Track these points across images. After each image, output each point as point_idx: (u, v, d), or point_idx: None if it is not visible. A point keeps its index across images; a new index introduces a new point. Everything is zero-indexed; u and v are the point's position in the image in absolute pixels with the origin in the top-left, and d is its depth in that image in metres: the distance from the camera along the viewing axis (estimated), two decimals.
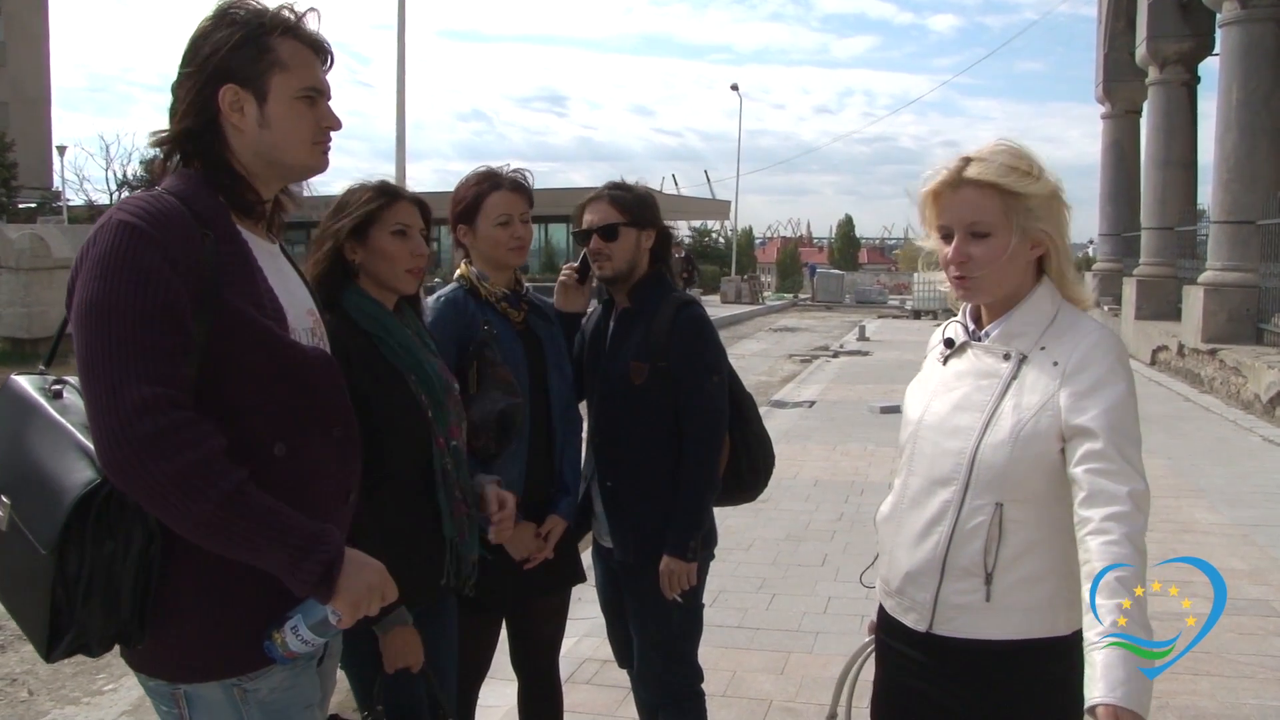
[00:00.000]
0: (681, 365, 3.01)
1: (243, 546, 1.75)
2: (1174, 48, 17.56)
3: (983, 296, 2.13)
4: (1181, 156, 18.08)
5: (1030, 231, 2.07)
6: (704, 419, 3.03)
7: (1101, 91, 21.70)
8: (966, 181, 2.07)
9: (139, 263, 1.73)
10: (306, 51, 1.96)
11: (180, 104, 1.92)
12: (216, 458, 1.73)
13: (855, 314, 36.13)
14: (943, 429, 2.13)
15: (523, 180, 3.05)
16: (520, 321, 3.03)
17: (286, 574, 1.79)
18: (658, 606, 3.04)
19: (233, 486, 1.72)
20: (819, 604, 5.47)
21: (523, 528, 2.95)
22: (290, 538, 1.77)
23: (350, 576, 1.84)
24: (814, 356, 20.21)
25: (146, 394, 1.68)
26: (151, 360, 1.71)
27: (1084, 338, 2.04)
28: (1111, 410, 1.95)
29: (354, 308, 2.54)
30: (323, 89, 1.99)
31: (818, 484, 8.34)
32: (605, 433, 3.11)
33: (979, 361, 2.14)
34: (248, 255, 1.90)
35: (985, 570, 2.05)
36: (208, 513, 1.70)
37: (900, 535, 2.20)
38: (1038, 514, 2.04)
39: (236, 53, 1.88)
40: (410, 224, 2.58)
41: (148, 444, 1.67)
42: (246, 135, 1.91)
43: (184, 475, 1.68)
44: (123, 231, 1.76)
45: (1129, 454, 1.93)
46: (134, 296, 1.72)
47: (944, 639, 2.12)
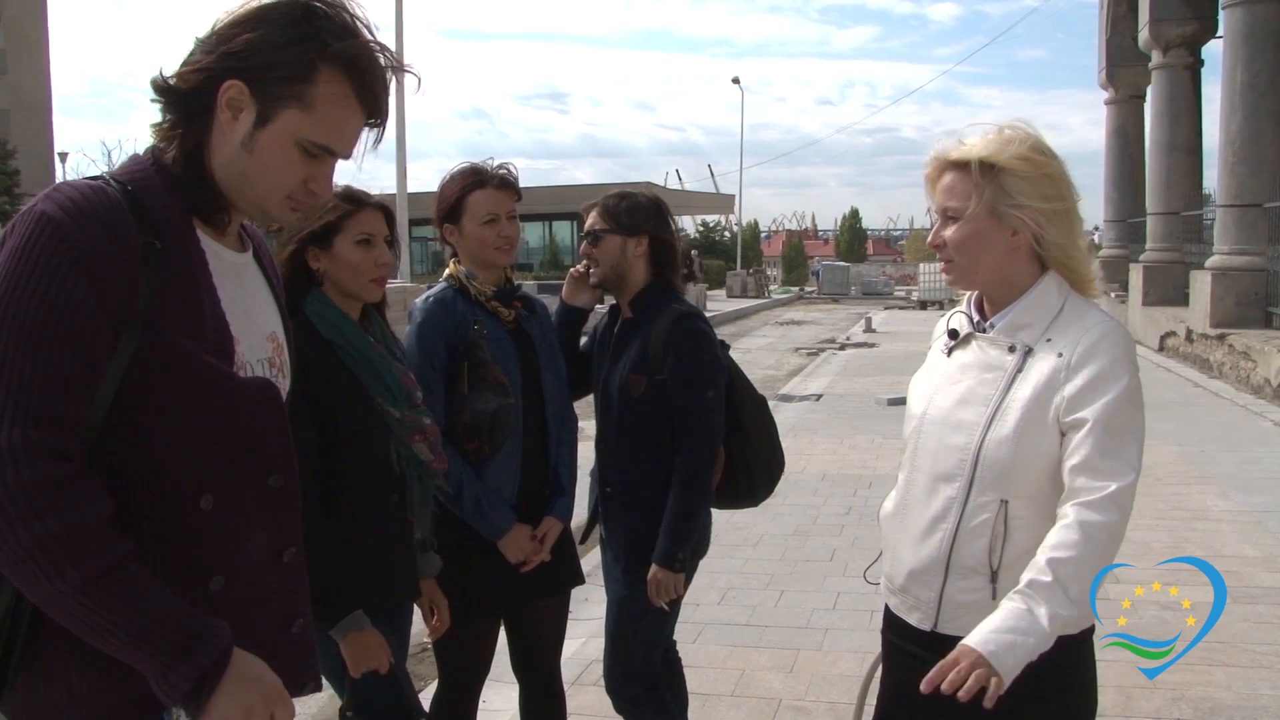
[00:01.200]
0: (676, 380, 2.99)
1: (103, 638, 1.43)
2: (1177, 31, 17.45)
3: (969, 282, 2.12)
4: (1186, 141, 17.97)
5: (1004, 215, 2.01)
6: (697, 434, 3.02)
7: (1104, 77, 21.61)
8: (949, 164, 2.06)
9: (46, 268, 1.41)
10: (350, 102, 1.59)
11: (190, 66, 1.56)
12: (92, 528, 1.41)
13: (862, 306, 36.11)
14: (946, 424, 2.09)
15: (508, 176, 2.97)
16: (511, 320, 2.97)
17: (155, 678, 1.46)
18: (632, 607, 3.06)
19: (102, 566, 1.40)
20: (828, 600, 5.41)
21: (519, 530, 2.90)
22: (160, 638, 1.44)
23: (228, 694, 1.48)
24: (820, 349, 20.16)
25: (18, 439, 1.37)
26: (38, 395, 1.39)
27: (1089, 330, 1.99)
28: (1109, 406, 1.92)
29: (316, 315, 2.51)
30: (337, 153, 1.63)
31: (825, 478, 8.28)
32: (606, 439, 3.13)
33: (983, 354, 2.09)
34: (198, 273, 1.57)
35: (990, 568, 2.00)
36: (61, 593, 1.39)
37: (904, 532, 2.16)
38: (1042, 511, 1.99)
39: (277, 52, 1.53)
40: (374, 232, 2.55)
41: (7, 500, 1.36)
42: (227, 143, 1.57)
43: (42, 545, 1.37)
44: (40, 226, 1.43)
45: (1121, 451, 1.90)
46: (30, 311, 1.40)
47: (950, 638, 2.06)
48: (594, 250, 3.08)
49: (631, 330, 3.09)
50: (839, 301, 40.63)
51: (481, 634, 2.99)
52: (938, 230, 2.09)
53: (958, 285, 2.15)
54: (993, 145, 2.01)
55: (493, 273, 2.99)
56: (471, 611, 2.86)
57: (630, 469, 3.08)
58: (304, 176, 1.60)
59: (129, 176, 1.56)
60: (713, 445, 3.06)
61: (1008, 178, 2.00)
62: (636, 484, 3.06)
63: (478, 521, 2.85)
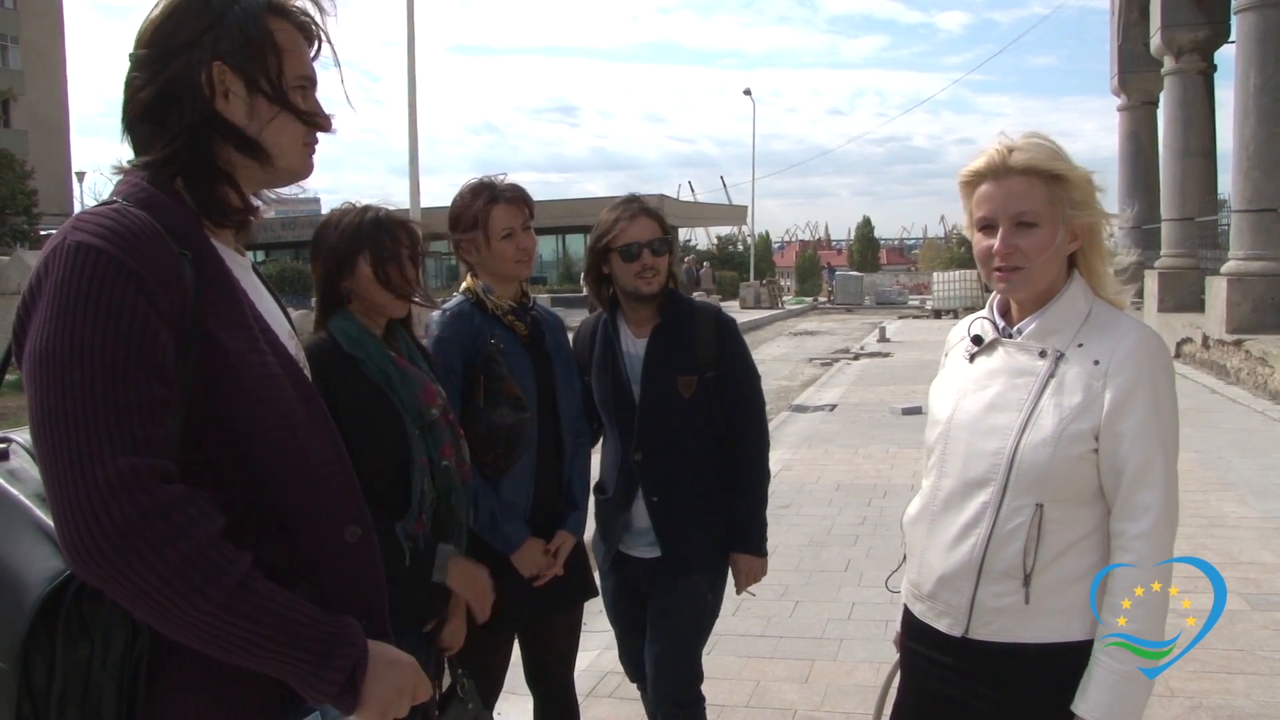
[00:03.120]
0: (736, 371, 3.14)
1: (247, 653, 1.40)
2: (1189, 36, 17.41)
3: (1027, 290, 2.07)
4: (1200, 146, 17.91)
5: (1072, 223, 2.03)
6: (759, 421, 3.21)
7: (1117, 83, 21.55)
8: (1012, 170, 2.02)
9: (106, 296, 1.38)
10: (297, 35, 1.65)
11: (141, 88, 1.57)
12: (216, 543, 1.39)
13: (875, 315, 36.00)
14: (977, 429, 2.08)
15: (520, 191, 3.00)
16: (527, 334, 2.99)
17: (301, 683, 1.46)
18: (689, 607, 3.12)
19: (236, 580, 1.38)
20: (843, 610, 5.40)
21: (532, 544, 2.91)
22: (305, 640, 1.43)
23: (377, 680, 1.50)
24: (835, 359, 20.13)
25: (124, 466, 1.33)
26: (128, 421, 1.36)
27: (1125, 337, 2.00)
28: (1149, 417, 1.94)
29: (339, 331, 2.54)
30: (313, 77, 1.68)
31: (839, 488, 8.26)
32: (648, 449, 3.07)
33: (1012, 359, 2.08)
34: (230, 276, 1.58)
35: (1024, 572, 1.99)
36: (206, 616, 1.36)
37: (932, 538, 2.15)
38: (1078, 513, 2.00)
39: (226, 27, 1.56)
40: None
41: (128, 532, 1.32)
42: (234, 125, 1.60)
43: (176, 570, 1.34)
44: (82, 257, 1.41)
45: (1162, 462, 1.94)
46: (102, 339, 1.37)
47: (980, 643, 2.06)
48: (658, 260, 3.05)
49: (670, 333, 3.09)
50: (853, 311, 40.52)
51: (496, 647, 2.99)
52: (1007, 238, 2.01)
53: (1015, 293, 2.09)
54: (1048, 150, 2.02)
55: (510, 286, 3.01)
56: (486, 624, 2.86)
57: (683, 473, 3.09)
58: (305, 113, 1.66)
59: (140, 197, 1.54)
60: (767, 429, 3.27)
61: (1070, 183, 2.01)
62: (691, 486, 3.09)
63: (491, 535, 2.86)
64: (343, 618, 1.51)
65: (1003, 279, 2.05)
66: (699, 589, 3.12)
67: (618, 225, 3.07)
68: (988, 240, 2.06)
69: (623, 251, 3.04)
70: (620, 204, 3.14)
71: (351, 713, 1.50)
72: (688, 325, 3.10)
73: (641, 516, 3.12)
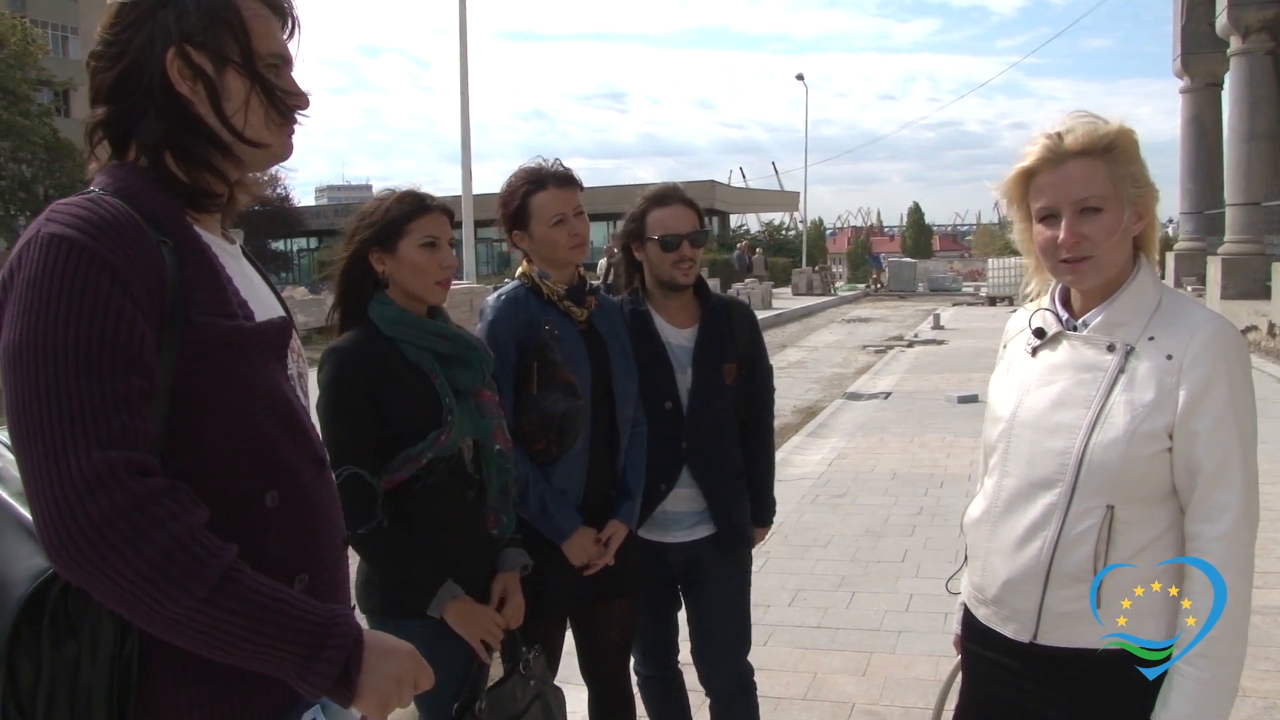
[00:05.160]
0: (759, 356, 3.31)
1: (237, 648, 1.37)
2: (1257, 15, 16.99)
3: (1097, 279, 1.94)
4: (1268, 128, 17.50)
5: (1135, 201, 1.92)
6: (772, 406, 3.39)
7: (1179, 65, 21.11)
8: (1069, 154, 1.91)
9: (79, 288, 1.36)
10: (265, 11, 1.60)
11: (103, 70, 1.55)
12: (198, 536, 1.35)
13: (929, 302, 35.63)
14: (1042, 427, 1.98)
15: (568, 174, 2.95)
16: (583, 320, 2.94)
17: (294, 676, 1.41)
18: (741, 592, 3.25)
19: (220, 572, 1.34)
20: (900, 602, 5.31)
21: (583, 533, 2.87)
22: (295, 632, 1.39)
23: (373, 670, 1.46)
24: (888, 347, 19.93)
25: (99, 460, 1.31)
26: (104, 415, 1.33)
27: (1199, 329, 1.88)
28: (1226, 414, 1.84)
29: (376, 315, 2.53)
30: (287, 56, 1.63)
31: (896, 477, 8.15)
32: (698, 436, 3.10)
33: (1077, 353, 1.98)
34: (212, 261, 1.54)
35: (1094, 575, 1.90)
36: (190, 610, 1.32)
37: (996, 541, 2.06)
38: (1150, 513, 1.91)
39: (186, 9, 1.52)
40: (439, 235, 2.56)
41: (106, 527, 1.29)
42: (209, 111, 1.55)
43: (156, 565, 1.30)
44: (57, 248, 1.37)
45: (1240, 459, 1.85)
46: (74, 332, 1.34)
47: (1049, 649, 1.98)
48: (696, 251, 3.09)
49: (717, 324, 3.16)
50: (906, 298, 40.15)
51: (547, 635, 2.96)
52: (1072, 226, 1.89)
53: (1084, 283, 1.97)
54: (1103, 128, 1.91)
55: (565, 271, 2.96)
56: (536, 612, 2.84)
57: (722, 457, 3.16)
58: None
59: (116, 185, 1.51)
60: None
61: (1127, 159, 1.92)
62: (729, 468, 3.18)
63: (542, 523, 2.82)
64: (335, 606, 1.47)
65: (1071, 269, 1.94)
66: (746, 566, 3.26)
67: (656, 214, 3.08)
68: (1050, 231, 1.94)
69: (663, 242, 3.04)
70: (658, 192, 3.14)
71: (349, 705, 1.46)
72: (725, 316, 3.20)
73: (679, 502, 3.11)
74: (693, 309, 3.17)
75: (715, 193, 57.22)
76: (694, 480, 3.11)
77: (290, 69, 1.64)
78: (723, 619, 3.21)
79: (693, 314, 3.17)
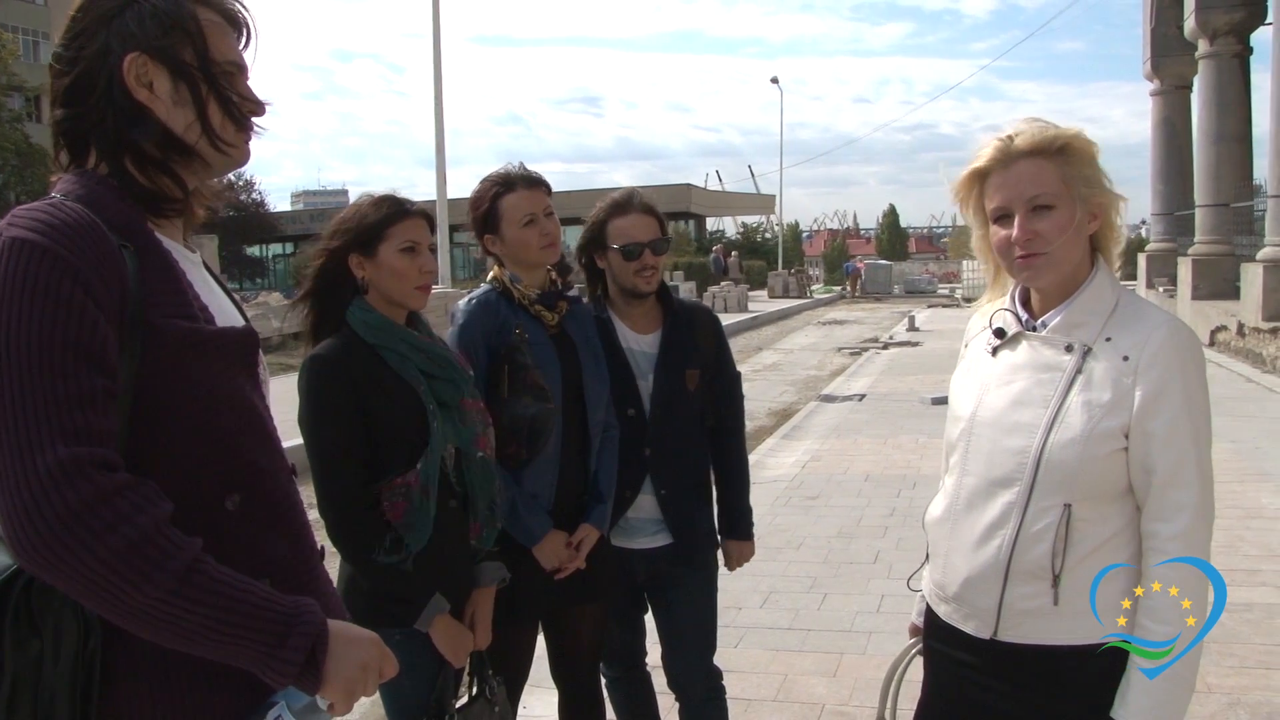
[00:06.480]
0: (724, 362, 3.27)
1: (202, 639, 1.39)
2: (1224, 19, 17.15)
3: (1051, 275, 1.98)
4: (1236, 130, 17.66)
5: (1088, 200, 1.96)
6: (741, 414, 3.35)
7: (1149, 68, 21.28)
8: (1020, 154, 1.95)
9: (42, 288, 1.38)
10: (220, 20, 1.63)
11: (64, 83, 1.57)
12: (163, 529, 1.37)
13: (905, 304, 35.79)
14: (1000, 426, 2.01)
15: (535, 175, 2.96)
16: (554, 324, 2.95)
17: (260, 666, 1.43)
18: (706, 598, 3.22)
19: (184, 564, 1.36)
20: (872, 603, 5.35)
21: (554, 537, 2.88)
22: (260, 621, 1.41)
23: (339, 658, 1.48)
24: (863, 349, 20.01)
25: (65, 456, 1.33)
26: (69, 412, 1.35)
27: (1155, 330, 1.92)
28: (1181, 415, 1.88)
29: (358, 322, 2.50)
30: (242, 64, 1.66)
31: (869, 478, 8.20)
32: (662, 442, 3.09)
33: (1036, 353, 2.01)
34: (173, 267, 1.56)
35: (1052, 573, 1.93)
36: (155, 601, 1.34)
37: (956, 539, 2.09)
38: (1107, 512, 1.94)
39: (142, 15, 1.55)
40: (420, 240, 2.54)
41: (72, 520, 1.31)
42: (169, 118, 1.58)
43: (121, 556, 1.32)
44: (19, 251, 1.39)
45: (1195, 459, 1.88)
46: (37, 332, 1.36)
47: (1009, 646, 2.01)
48: (657, 259, 3.08)
49: (680, 330, 3.15)
50: (882, 300, 40.30)
51: (518, 637, 2.97)
52: (1024, 223, 1.94)
53: (1038, 280, 2.01)
54: (1054, 130, 1.96)
55: (537, 274, 2.97)
56: (509, 615, 2.84)
57: (686, 465, 3.16)
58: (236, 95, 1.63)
59: (78, 191, 1.53)
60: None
61: (1080, 161, 1.95)
62: (692, 476, 3.18)
63: (513, 526, 2.82)
64: (299, 598, 1.49)
65: (1025, 265, 1.97)
66: (711, 573, 3.23)
67: (617, 222, 3.06)
68: (1005, 230, 1.98)
69: (624, 251, 3.03)
70: (618, 200, 3.11)
71: (315, 693, 1.48)
72: (688, 322, 3.18)
73: (643, 509, 3.11)
74: (655, 315, 3.17)
75: (691, 196, 57.30)
76: (653, 489, 3.11)
77: (246, 77, 1.66)
78: (688, 625, 3.22)
79: (655, 320, 3.16)
